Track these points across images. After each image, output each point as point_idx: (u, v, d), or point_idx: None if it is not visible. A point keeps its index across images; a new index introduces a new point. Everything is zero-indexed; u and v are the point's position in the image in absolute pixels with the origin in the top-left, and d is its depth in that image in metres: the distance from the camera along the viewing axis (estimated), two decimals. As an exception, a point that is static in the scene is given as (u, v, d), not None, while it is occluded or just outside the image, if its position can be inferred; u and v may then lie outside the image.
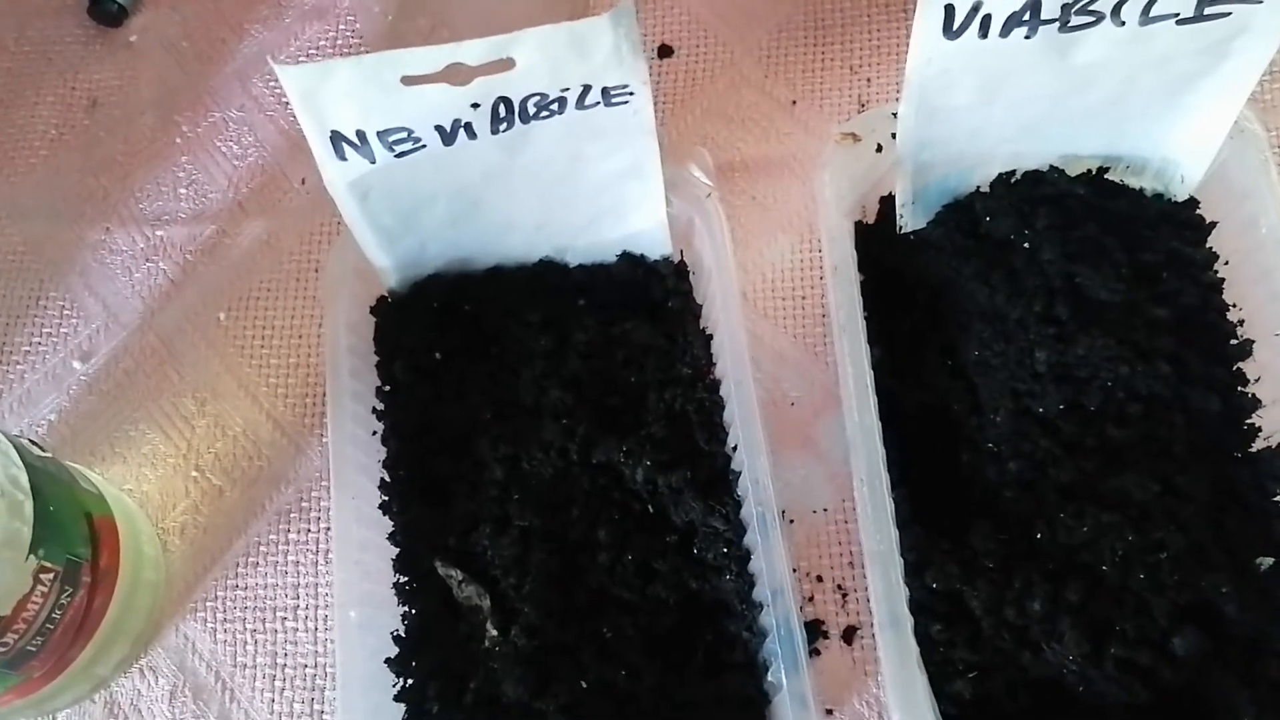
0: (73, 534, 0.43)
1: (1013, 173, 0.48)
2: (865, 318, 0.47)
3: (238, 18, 0.62)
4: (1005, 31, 0.39)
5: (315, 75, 0.39)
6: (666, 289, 0.50)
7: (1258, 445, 0.43)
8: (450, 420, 0.48)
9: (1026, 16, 0.39)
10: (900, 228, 0.49)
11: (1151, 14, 0.39)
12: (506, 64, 0.40)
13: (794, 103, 0.56)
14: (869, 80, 0.55)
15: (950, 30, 0.39)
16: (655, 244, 0.50)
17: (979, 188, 0.48)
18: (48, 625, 0.42)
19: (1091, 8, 0.39)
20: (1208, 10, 0.39)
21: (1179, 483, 0.42)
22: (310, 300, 0.55)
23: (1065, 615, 0.40)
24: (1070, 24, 0.39)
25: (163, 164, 0.59)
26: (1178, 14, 0.39)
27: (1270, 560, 0.42)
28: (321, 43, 0.61)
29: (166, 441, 0.52)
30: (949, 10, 0.39)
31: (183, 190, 0.58)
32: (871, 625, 0.44)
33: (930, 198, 0.48)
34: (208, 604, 0.49)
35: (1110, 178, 0.48)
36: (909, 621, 0.40)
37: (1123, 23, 0.39)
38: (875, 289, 0.48)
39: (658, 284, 0.50)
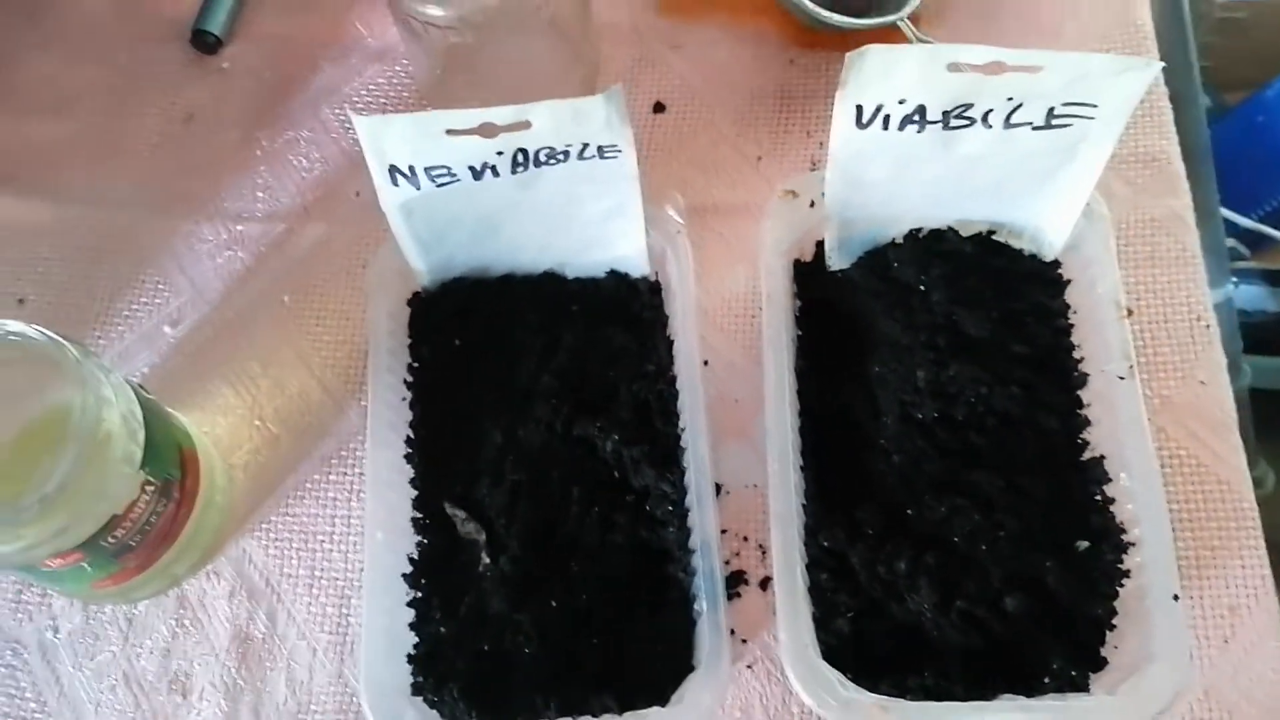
0: (168, 459, 0.54)
1: (920, 230, 0.58)
2: (798, 336, 0.57)
3: (313, 55, 0.72)
4: (902, 127, 0.51)
5: (381, 124, 0.50)
6: (642, 303, 0.60)
7: (1086, 455, 0.54)
8: (464, 394, 0.58)
9: (916, 118, 0.50)
10: (829, 267, 0.59)
11: (1012, 122, 0.50)
12: (525, 125, 0.50)
13: (759, 159, 0.66)
14: (821, 144, 0.66)
15: (860, 123, 0.51)
16: (636, 266, 0.60)
17: (894, 240, 0.59)
18: (146, 527, 0.53)
19: (966, 114, 0.50)
20: (1054, 121, 0.50)
21: (1021, 481, 0.53)
22: (357, 291, 0.64)
23: (923, 575, 0.51)
24: (951, 125, 0.51)
25: (244, 172, 0.69)
26: (1032, 122, 0.50)
27: (1087, 544, 0.52)
28: (380, 80, 0.71)
29: (236, 396, 0.62)
30: (859, 109, 0.50)
31: (260, 194, 0.68)
32: (782, 575, 0.54)
33: (854, 245, 0.59)
34: (262, 526, 0.59)
35: (998, 238, 0.58)
36: (800, 567, 0.50)
37: (990, 126, 0.51)
38: (808, 314, 0.59)
39: (636, 299, 0.60)
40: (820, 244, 0.60)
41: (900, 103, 0.49)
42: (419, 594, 0.54)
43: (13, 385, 0.51)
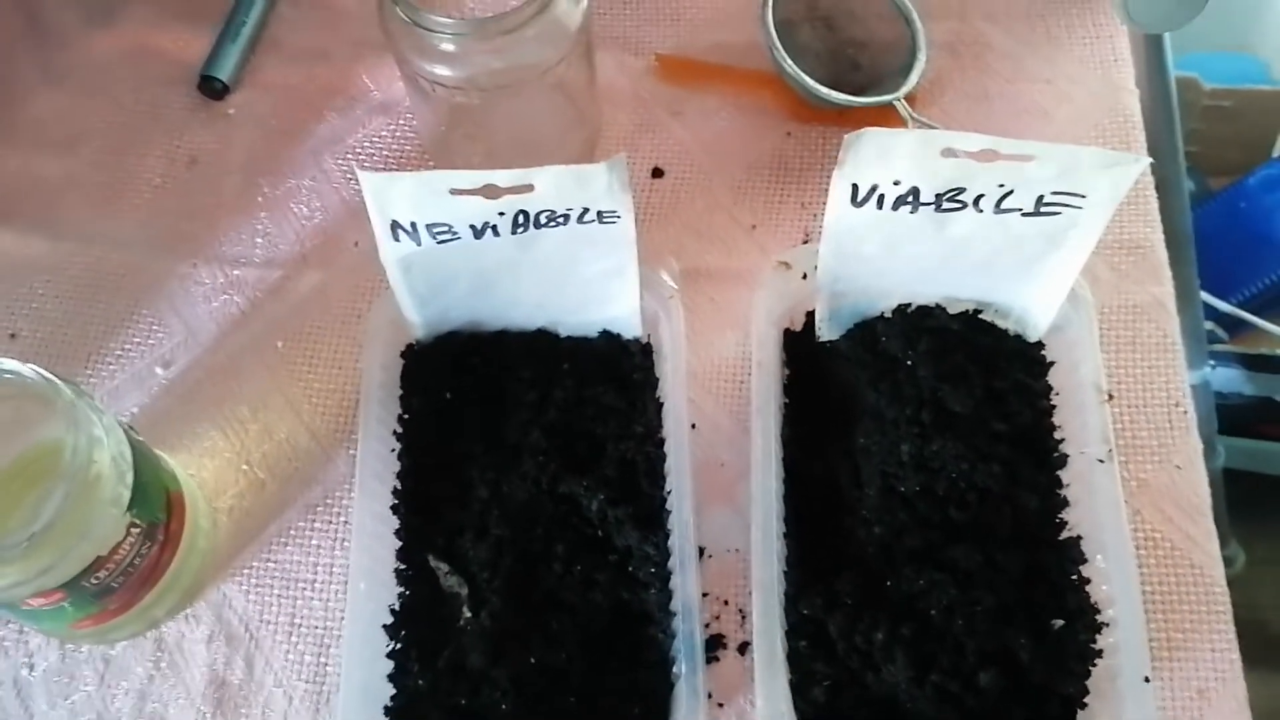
0: (155, 502, 0.54)
1: (909, 305, 0.60)
2: (786, 403, 0.59)
3: (319, 105, 0.73)
4: (895, 207, 0.52)
5: (386, 181, 0.51)
6: (634, 364, 0.61)
7: (1064, 535, 0.55)
8: (452, 447, 0.58)
9: (910, 199, 0.52)
10: (819, 337, 0.61)
11: (1002, 207, 0.52)
12: (528, 188, 0.51)
13: (754, 227, 0.68)
14: (815, 215, 0.67)
15: (855, 201, 0.52)
16: (629, 328, 0.61)
17: (883, 314, 0.60)
18: (129, 569, 0.53)
19: (958, 198, 0.52)
20: (1043, 209, 0.52)
21: (999, 557, 0.53)
22: (351, 341, 0.65)
23: (899, 646, 0.51)
24: (943, 207, 0.52)
25: (245, 217, 0.70)
26: (1021, 209, 0.52)
27: (1061, 622, 0.52)
28: (384, 133, 0.72)
29: (224, 440, 0.62)
30: (854, 187, 0.52)
31: (259, 240, 0.69)
32: (760, 641, 0.55)
33: (844, 317, 0.60)
34: (244, 571, 0.59)
35: (984, 318, 0.60)
36: (779, 634, 0.51)
37: (981, 210, 0.52)
38: (796, 383, 0.60)
39: (627, 359, 0.61)
40: (811, 314, 0.61)
41: (895, 184, 0.51)
42: (398, 645, 0.55)
43: (3, 423, 0.51)
